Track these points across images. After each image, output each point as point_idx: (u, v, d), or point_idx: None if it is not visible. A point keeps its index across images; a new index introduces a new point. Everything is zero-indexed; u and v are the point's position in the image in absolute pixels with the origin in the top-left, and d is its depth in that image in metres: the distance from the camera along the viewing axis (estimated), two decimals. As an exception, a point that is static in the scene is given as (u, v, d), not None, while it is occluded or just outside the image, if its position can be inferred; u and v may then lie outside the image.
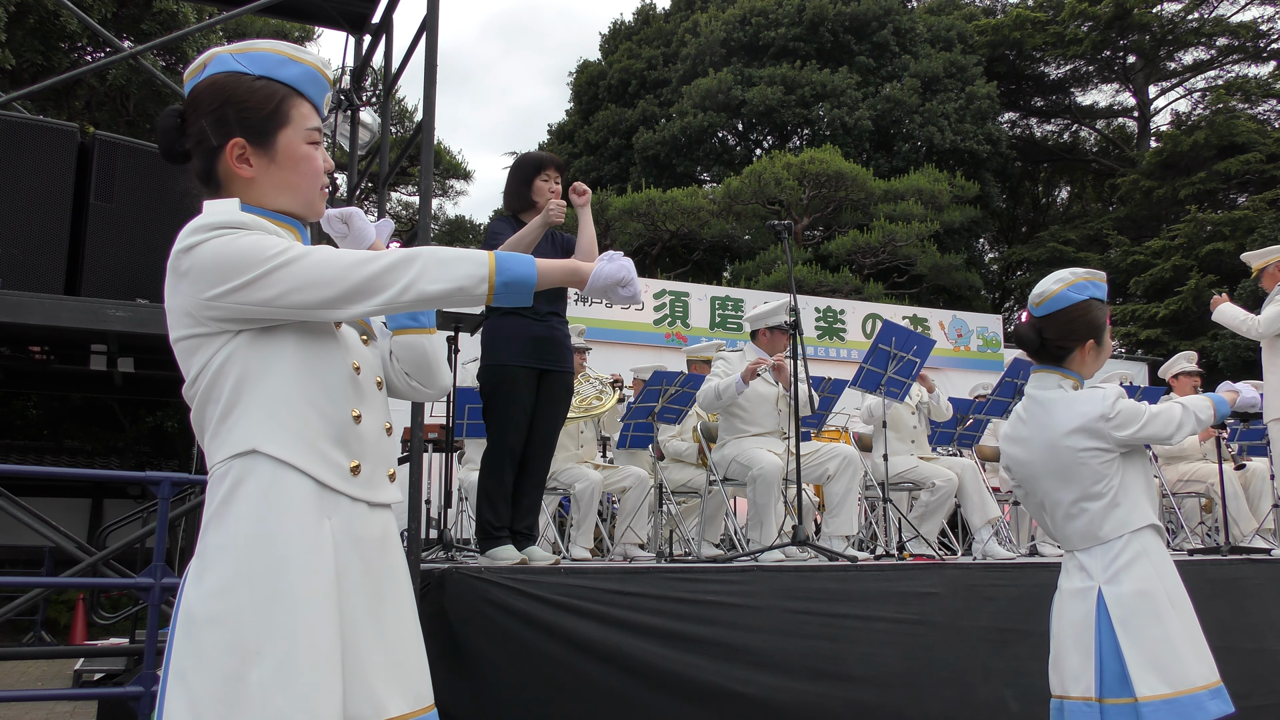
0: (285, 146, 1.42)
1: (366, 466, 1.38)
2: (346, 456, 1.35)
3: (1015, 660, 3.58)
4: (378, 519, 1.39)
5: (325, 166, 1.47)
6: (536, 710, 2.97)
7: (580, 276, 1.42)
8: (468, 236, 21.23)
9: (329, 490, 1.31)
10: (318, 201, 1.47)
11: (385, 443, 1.45)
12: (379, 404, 1.47)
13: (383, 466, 1.43)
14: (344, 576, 1.29)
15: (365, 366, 1.45)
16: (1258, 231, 15.38)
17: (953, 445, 6.30)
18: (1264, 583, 4.30)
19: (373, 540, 1.37)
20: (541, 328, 3.79)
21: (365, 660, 1.28)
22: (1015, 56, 21.93)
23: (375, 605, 1.33)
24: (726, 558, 4.66)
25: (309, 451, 1.31)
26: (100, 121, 10.84)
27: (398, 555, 1.43)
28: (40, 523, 3.42)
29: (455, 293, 1.32)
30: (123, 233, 3.32)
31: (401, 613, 1.39)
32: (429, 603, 2.96)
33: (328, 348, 1.38)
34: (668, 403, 5.28)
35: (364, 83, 5.22)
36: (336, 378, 1.37)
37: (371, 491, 1.38)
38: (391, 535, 1.43)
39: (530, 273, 1.36)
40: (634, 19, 23.52)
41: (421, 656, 1.41)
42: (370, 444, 1.41)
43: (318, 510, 1.29)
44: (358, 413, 1.39)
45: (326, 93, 1.49)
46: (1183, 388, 6.79)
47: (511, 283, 1.34)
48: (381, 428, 1.45)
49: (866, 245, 15.73)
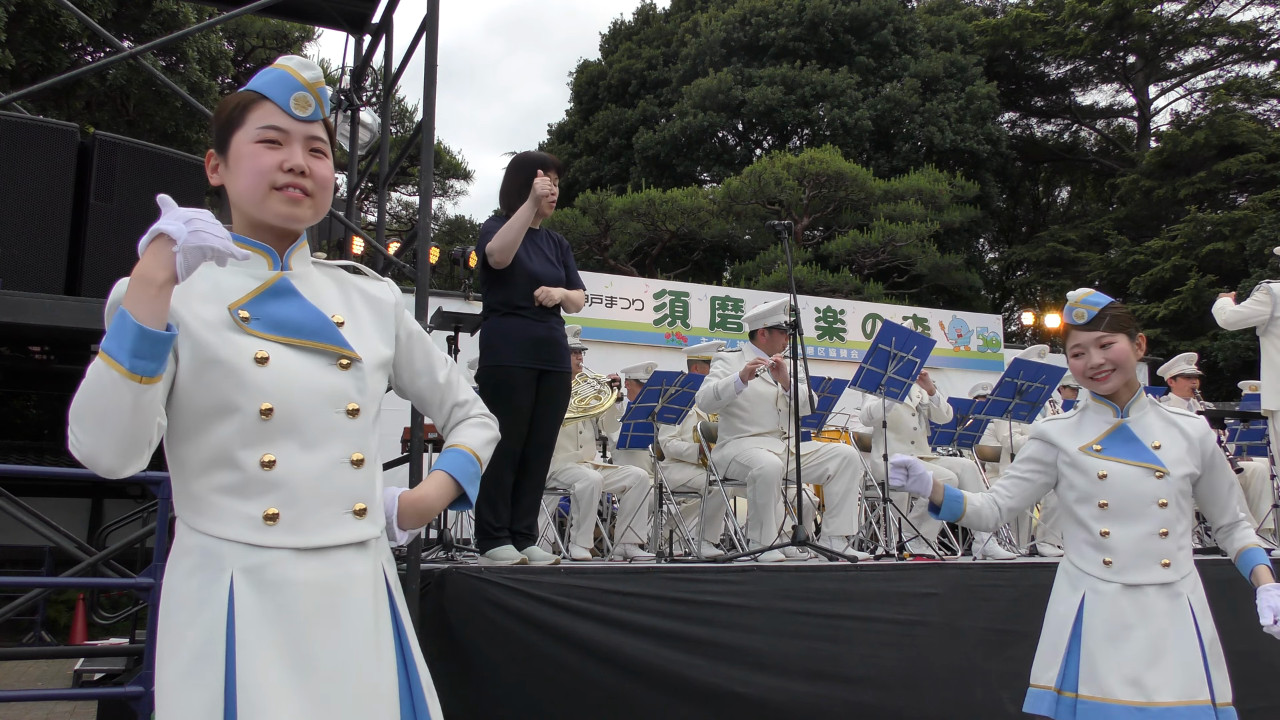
0: (234, 149, 1.40)
1: (292, 511, 1.30)
2: (255, 506, 1.28)
3: (1013, 661, 3.58)
4: (318, 563, 1.31)
5: (286, 162, 1.38)
6: (536, 710, 2.97)
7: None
8: (467, 237, 21.24)
9: (229, 542, 1.28)
10: (268, 203, 1.37)
11: (338, 480, 1.35)
12: (331, 438, 1.35)
13: (331, 506, 1.33)
14: (249, 625, 1.25)
15: (301, 399, 1.33)
16: (1258, 231, 15.38)
17: (953, 445, 6.31)
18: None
19: (305, 585, 1.29)
20: (541, 328, 3.79)
21: (275, 700, 1.24)
22: (1015, 56, 21.94)
23: (297, 649, 1.27)
24: (726, 558, 4.66)
25: (202, 507, 1.30)
26: (100, 121, 10.84)
27: (361, 595, 1.34)
28: (40, 523, 3.42)
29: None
30: (123, 233, 3.32)
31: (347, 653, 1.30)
32: (429, 603, 2.97)
33: (226, 396, 1.30)
34: (667, 403, 5.28)
35: (364, 83, 5.22)
36: (230, 429, 1.29)
37: (302, 537, 1.30)
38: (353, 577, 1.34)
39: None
40: (634, 19, 23.53)
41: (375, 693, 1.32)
42: (300, 486, 1.31)
43: (219, 563, 1.27)
44: (270, 458, 1.29)
45: (296, 91, 1.40)
46: (1181, 389, 6.79)
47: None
48: (332, 464, 1.34)
49: (866, 245, 15.74)
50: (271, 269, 1.41)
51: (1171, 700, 2.12)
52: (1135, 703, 2.12)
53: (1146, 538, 2.23)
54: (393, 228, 18.91)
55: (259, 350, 1.31)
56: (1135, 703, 2.12)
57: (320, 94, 1.43)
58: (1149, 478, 2.26)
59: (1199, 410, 6.45)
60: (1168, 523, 2.23)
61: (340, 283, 1.50)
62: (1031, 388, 5.41)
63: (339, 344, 1.38)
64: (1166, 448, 2.28)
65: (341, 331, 1.41)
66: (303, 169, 1.38)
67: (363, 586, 1.35)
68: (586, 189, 18.08)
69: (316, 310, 1.40)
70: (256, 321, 1.34)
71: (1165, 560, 2.22)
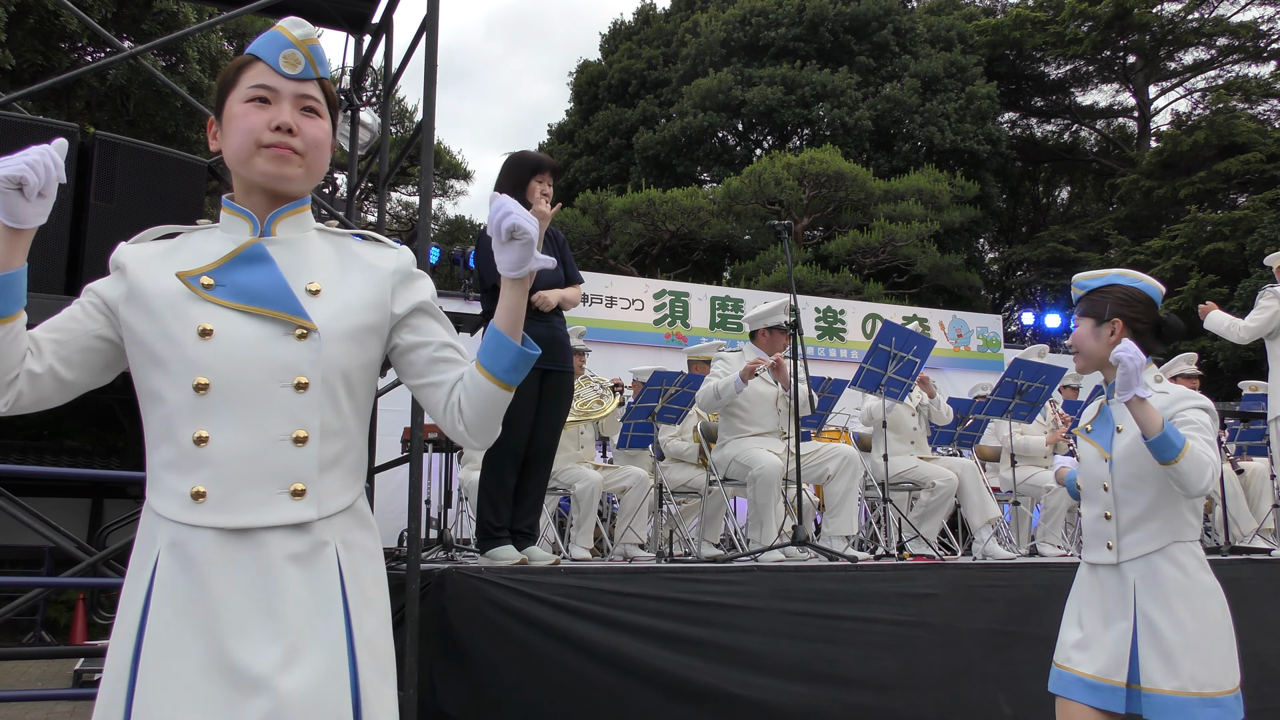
0: (228, 111, 1.39)
1: (219, 490, 1.25)
2: (186, 483, 1.26)
3: (1011, 663, 3.58)
4: (244, 544, 1.25)
5: (274, 120, 1.34)
6: (535, 710, 2.97)
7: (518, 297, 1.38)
8: (467, 237, 21.23)
9: (163, 519, 1.27)
10: (254, 161, 1.34)
11: (275, 458, 1.27)
12: (270, 414, 1.28)
13: (264, 486, 1.26)
14: (166, 602, 1.24)
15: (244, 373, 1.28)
16: (1258, 231, 15.38)
17: (953, 445, 6.31)
18: (1262, 583, 4.30)
19: (226, 565, 1.23)
20: (543, 328, 3.80)
21: (166, 682, 1.21)
22: (1015, 56, 21.93)
23: (210, 631, 1.22)
24: (726, 558, 4.66)
25: (152, 481, 1.31)
26: (100, 121, 10.84)
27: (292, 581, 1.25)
28: (40, 523, 3.42)
29: None
30: (123, 233, 3.29)
31: (267, 639, 1.22)
32: (429, 603, 2.97)
33: (166, 370, 1.29)
34: (668, 403, 5.28)
35: (364, 83, 5.21)
36: (170, 404, 1.28)
37: (226, 516, 1.25)
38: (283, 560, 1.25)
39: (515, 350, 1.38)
40: (634, 19, 23.53)
41: (296, 684, 1.22)
42: (230, 464, 1.26)
43: (155, 536, 1.28)
44: (203, 434, 1.26)
45: (285, 49, 1.37)
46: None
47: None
48: (269, 441, 1.27)
49: (866, 245, 15.73)
50: (252, 234, 1.38)
51: (1090, 673, 2.26)
52: (1072, 670, 2.30)
53: (1097, 520, 2.35)
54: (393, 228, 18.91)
55: (203, 323, 1.28)
56: (1072, 670, 2.30)
57: (312, 52, 1.38)
58: (1100, 461, 2.36)
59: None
60: (1110, 506, 2.31)
61: (341, 250, 1.43)
62: (1031, 388, 5.41)
63: (293, 312, 1.30)
64: (1126, 431, 2.32)
65: (314, 300, 1.33)
66: (289, 126, 1.34)
67: (295, 571, 1.26)
68: (586, 189, 18.07)
69: (280, 277, 1.33)
70: (221, 289, 1.31)
71: (1109, 542, 2.32)
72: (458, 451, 6.01)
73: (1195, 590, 2.23)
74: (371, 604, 1.33)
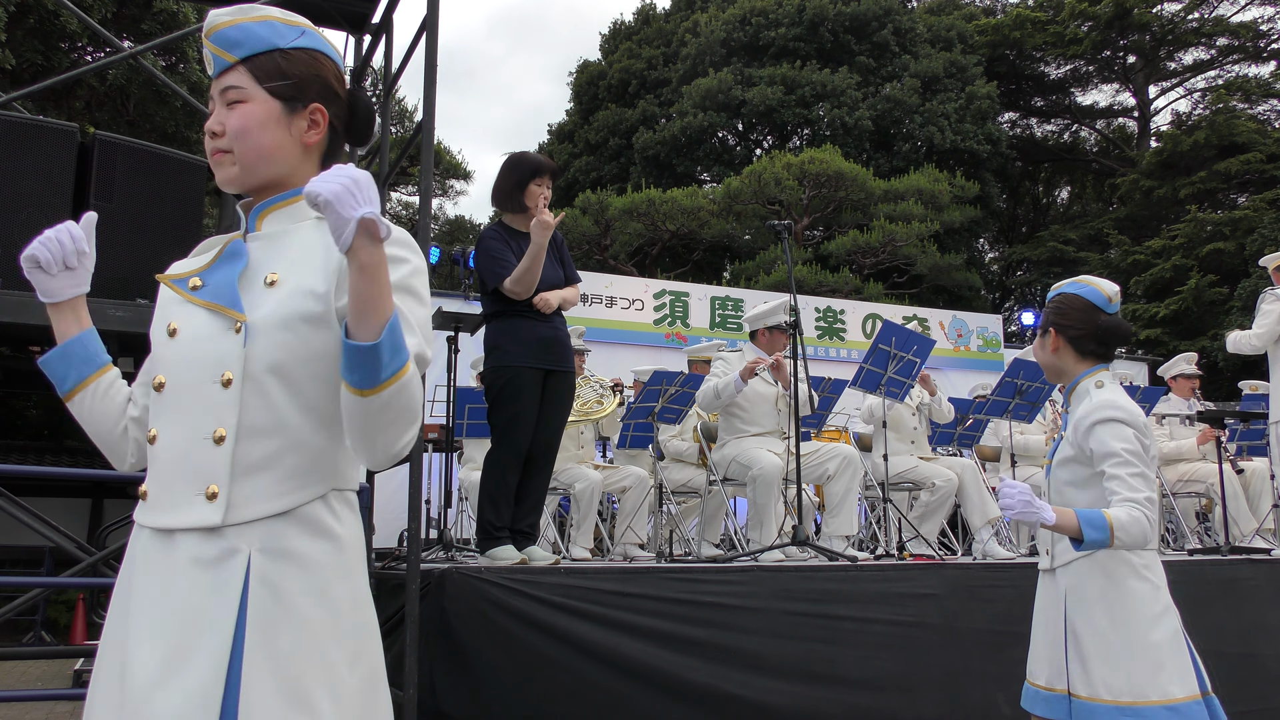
0: None
1: (155, 489, 1.23)
2: (143, 482, 1.27)
3: (1010, 663, 3.57)
4: (163, 545, 1.20)
5: (210, 126, 1.33)
6: (535, 710, 2.97)
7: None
8: (467, 237, 21.24)
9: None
10: (219, 169, 1.33)
11: (195, 458, 1.21)
12: (199, 412, 1.22)
13: (186, 486, 1.21)
14: (116, 602, 1.25)
15: (187, 370, 1.25)
16: (1258, 231, 15.39)
17: (953, 445, 6.31)
18: (1262, 584, 4.30)
19: (150, 566, 1.20)
20: (545, 328, 3.80)
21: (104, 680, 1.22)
22: (1015, 56, 21.94)
23: (126, 631, 1.20)
24: (726, 558, 4.66)
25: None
26: (100, 121, 10.84)
27: (185, 587, 1.17)
28: (40, 523, 3.42)
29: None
30: (123, 233, 3.32)
31: (144, 646, 1.16)
32: (429, 603, 2.97)
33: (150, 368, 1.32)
34: (668, 403, 5.28)
35: (364, 83, 5.22)
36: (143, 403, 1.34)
37: (154, 516, 1.22)
38: (185, 565, 1.18)
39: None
40: (634, 19, 23.53)
41: (175, 710, 1.12)
42: (165, 463, 1.23)
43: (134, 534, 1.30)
44: (154, 432, 1.26)
45: (206, 50, 1.35)
46: (1182, 389, 6.78)
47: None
48: (194, 440, 1.21)
49: (866, 245, 15.73)
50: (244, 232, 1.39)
51: (1042, 684, 2.28)
52: (1030, 682, 2.33)
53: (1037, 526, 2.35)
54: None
55: (171, 322, 1.30)
56: (1030, 682, 2.33)
57: (221, 39, 1.32)
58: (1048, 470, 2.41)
59: (1199, 410, 6.45)
60: None
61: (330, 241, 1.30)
62: (1031, 388, 5.41)
63: (229, 305, 1.25)
64: (1066, 440, 2.34)
65: (267, 292, 1.26)
66: (212, 130, 1.32)
67: (196, 577, 1.17)
68: (586, 189, 18.07)
69: (233, 273, 1.29)
70: (206, 289, 1.31)
71: (1046, 549, 2.34)
72: (458, 451, 6.02)
73: (1121, 598, 2.17)
74: (297, 618, 1.18)
